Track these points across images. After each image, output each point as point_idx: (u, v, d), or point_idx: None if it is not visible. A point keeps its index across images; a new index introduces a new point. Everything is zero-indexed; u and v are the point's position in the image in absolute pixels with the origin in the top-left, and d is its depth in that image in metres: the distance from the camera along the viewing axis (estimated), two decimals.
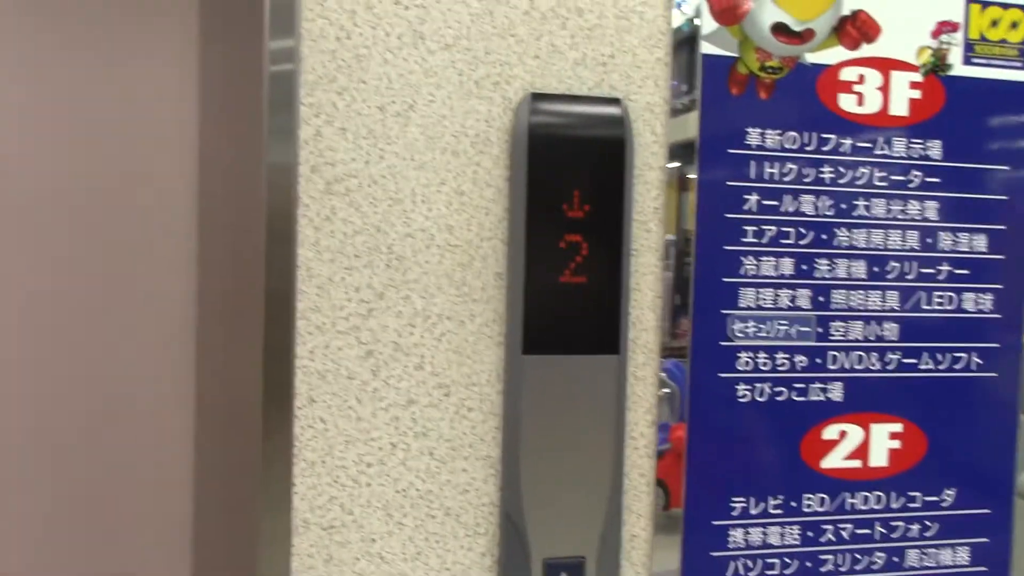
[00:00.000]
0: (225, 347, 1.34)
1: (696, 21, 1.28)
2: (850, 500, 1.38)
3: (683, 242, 1.31)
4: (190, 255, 1.33)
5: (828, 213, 1.34)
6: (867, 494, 1.39)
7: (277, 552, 1.17)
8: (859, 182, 1.36)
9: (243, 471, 1.27)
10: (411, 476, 1.22)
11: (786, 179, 1.33)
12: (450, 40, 1.21)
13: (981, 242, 1.41)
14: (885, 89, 1.36)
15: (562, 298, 1.23)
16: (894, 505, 1.40)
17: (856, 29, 1.35)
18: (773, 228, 1.32)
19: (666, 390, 1.31)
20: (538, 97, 1.23)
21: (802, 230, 1.34)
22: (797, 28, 1.33)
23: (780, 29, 1.32)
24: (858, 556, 1.39)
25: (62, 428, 1.30)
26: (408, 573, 1.23)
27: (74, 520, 1.30)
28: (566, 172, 1.23)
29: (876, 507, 1.39)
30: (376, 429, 1.21)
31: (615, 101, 1.26)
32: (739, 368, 1.33)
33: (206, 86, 1.34)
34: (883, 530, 1.39)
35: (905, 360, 1.39)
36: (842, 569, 1.38)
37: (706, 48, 1.29)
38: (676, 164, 1.29)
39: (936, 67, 1.38)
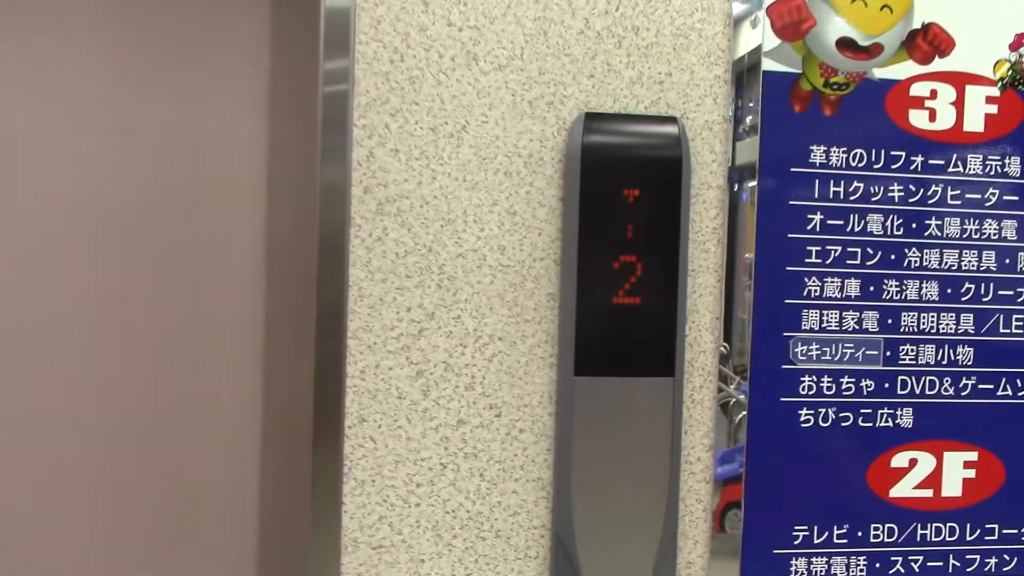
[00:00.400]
0: (288, 366, 1.36)
1: (756, 38, 1.26)
2: (921, 531, 1.33)
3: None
4: (257, 276, 1.35)
5: (897, 232, 1.30)
6: (940, 525, 1.33)
7: (326, 571, 1.18)
8: (931, 201, 1.30)
9: (302, 488, 1.29)
10: (461, 497, 1.22)
11: (852, 198, 1.29)
12: (504, 61, 1.21)
13: None
14: (959, 104, 1.31)
15: (616, 319, 1.21)
16: (969, 537, 1.34)
17: (928, 43, 1.30)
18: (838, 248, 1.28)
19: (745, 413, 1.28)
20: (592, 116, 1.22)
21: (869, 250, 1.29)
22: (864, 43, 1.28)
23: (846, 44, 1.28)
24: None
25: (131, 437, 1.34)
26: None
27: (137, 532, 1.34)
28: (620, 192, 1.21)
29: (950, 539, 1.33)
30: (426, 449, 1.21)
31: (672, 119, 1.24)
32: (802, 392, 1.29)
33: (275, 108, 1.36)
34: (957, 563, 1.33)
35: (981, 386, 1.33)
36: None
37: (767, 65, 1.26)
38: (753, 183, 1.27)
39: (1015, 81, 1.32)
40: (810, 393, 1.29)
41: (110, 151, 1.30)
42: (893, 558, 1.32)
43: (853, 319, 1.29)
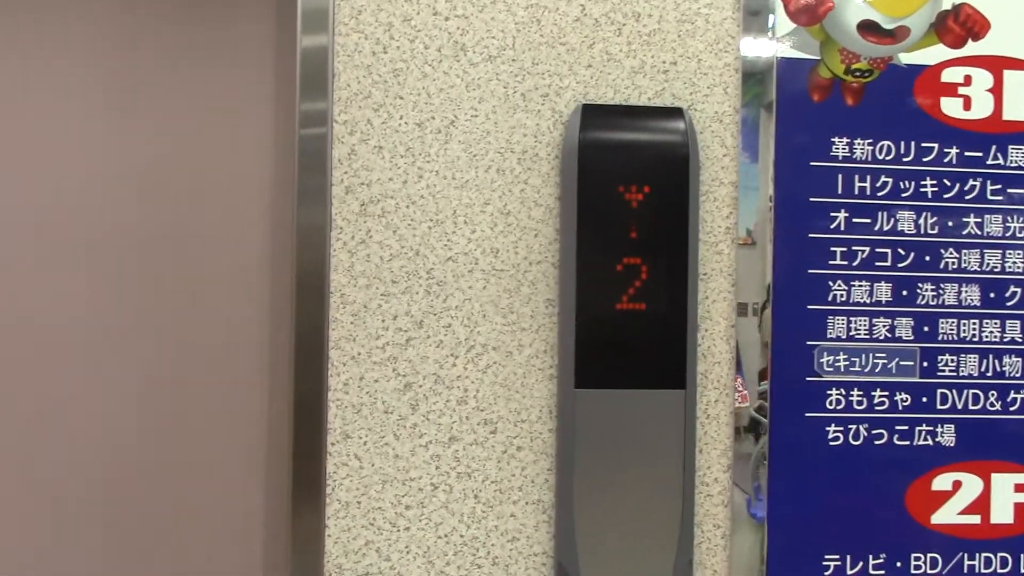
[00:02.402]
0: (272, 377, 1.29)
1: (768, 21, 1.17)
2: (969, 561, 1.20)
3: None
4: (262, 283, 1.29)
5: (931, 231, 1.19)
6: (990, 555, 1.20)
7: None
8: (968, 196, 1.19)
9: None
10: (454, 521, 1.13)
11: (880, 194, 1.18)
12: (494, 51, 1.13)
13: None
14: (997, 91, 1.20)
15: (620, 326, 1.12)
16: None
17: (960, 25, 1.20)
18: (866, 248, 1.18)
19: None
20: (591, 109, 1.14)
21: (900, 250, 1.18)
22: (888, 26, 1.19)
23: (869, 27, 1.18)
24: None
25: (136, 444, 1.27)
26: None
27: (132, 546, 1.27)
28: (623, 190, 1.12)
29: (1001, 571, 1.20)
30: (415, 468, 1.12)
31: (678, 112, 1.15)
32: (829, 407, 1.17)
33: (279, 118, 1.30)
34: None
35: None
36: None
37: (781, 51, 1.17)
38: None
39: None
40: (838, 408, 1.17)
41: (121, 161, 1.25)
42: None
43: (884, 326, 1.18)
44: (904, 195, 1.18)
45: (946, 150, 1.19)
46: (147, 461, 1.24)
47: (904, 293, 1.18)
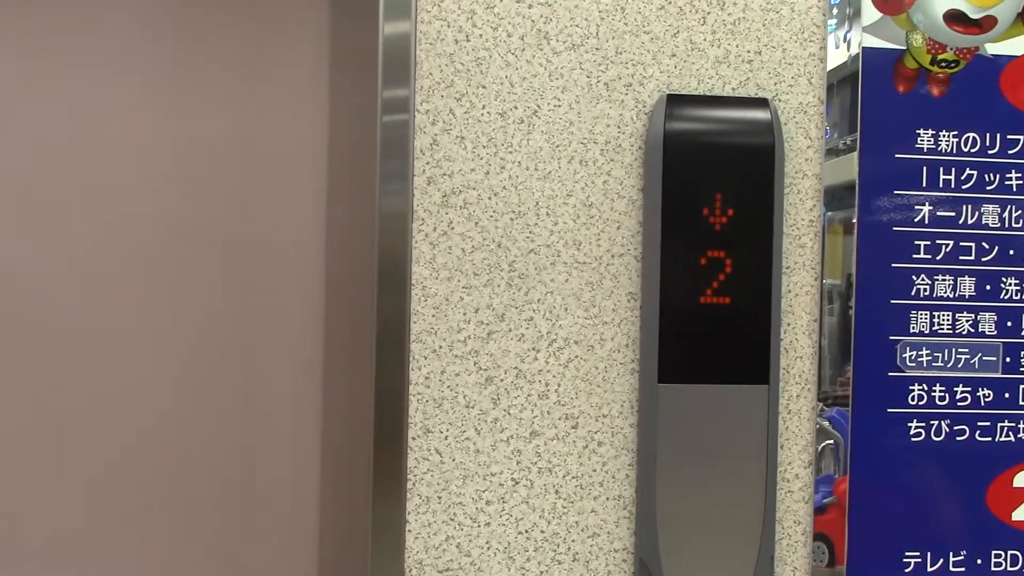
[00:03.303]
0: (348, 371, 1.27)
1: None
2: None
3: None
4: (317, 276, 1.27)
5: (1016, 225, 1.17)
6: None
7: None
8: None
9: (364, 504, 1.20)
10: (535, 516, 1.12)
11: (965, 187, 1.16)
12: (577, 40, 1.11)
13: None
14: None
15: (703, 321, 1.10)
16: None
17: None
18: (950, 242, 1.16)
19: (829, 441, 1.16)
20: (675, 99, 1.12)
21: (985, 244, 1.16)
22: (975, 16, 1.16)
23: (955, 17, 1.16)
24: None
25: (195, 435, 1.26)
26: None
27: (185, 540, 1.26)
28: (707, 181, 1.10)
29: None
30: (496, 463, 1.11)
31: (763, 102, 1.13)
32: (911, 403, 1.16)
33: (335, 105, 1.28)
34: None
35: None
36: None
37: (867, 40, 1.15)
38: None
39: None
40: (920, 403, 1.16)
41: (179, 158, 1.24)
42: None
43: (968, 321, 1.16)
44: (989, 188, 1.17)
45: None
46: (221, 455, 1.24)
47: (988, 287, 1.17)
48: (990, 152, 1.17)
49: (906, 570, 1.16)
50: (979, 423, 1.17)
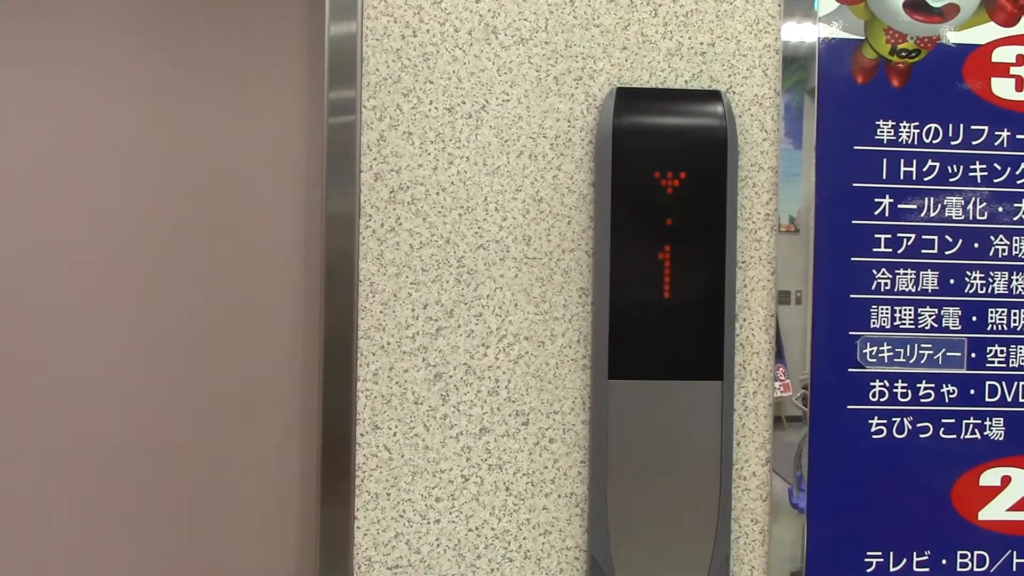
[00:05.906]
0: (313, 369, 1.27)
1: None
2: (1018, 559, 1.15)
3: None
4: (295, 277, 1.27)
5: (981, 218, 1.14)
6: None
7: None
8: (1021, 180, 1.15)
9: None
10: (485, 513, 1.11)
11: (927, 179, 1.14)
12: (526, 34, 1.11)
13: None
14: None
15: (655, 316, 1.09)
16: None
17: (1012, 2, 1.15)
18: (911, 235, 1.14)
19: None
20: (625, 93, 1.10)
21: (948, 238, 1.14)
22: (936, 3, 1.14)
23: (916, 6, 1.14)
24: None
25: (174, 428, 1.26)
26: None
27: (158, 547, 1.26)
28: (659, 176, 1.09)
29: None
30: (446, 460, 1.10)
31: (715, 94, 1.11)
32: (872, 399, 1.14)
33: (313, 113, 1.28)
34: None
35: None
36: None
37: (823, 31, 1.13)
38: None
39: None
40: (882, 400, 1.14)
41: (164, 160, 1.24)
42: None
43: (931, 316, 1.14)
44: (952, 180, 1.14)
45: (997, 133, 1.14)
46: (172, 454, 1.23)
47: (951, 281, 1.14)
48: (953, 143, 1.14)
49: (867, 570, 1.14)
50: (943, 420, 1.14)
